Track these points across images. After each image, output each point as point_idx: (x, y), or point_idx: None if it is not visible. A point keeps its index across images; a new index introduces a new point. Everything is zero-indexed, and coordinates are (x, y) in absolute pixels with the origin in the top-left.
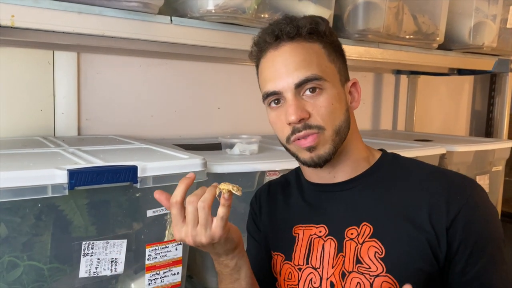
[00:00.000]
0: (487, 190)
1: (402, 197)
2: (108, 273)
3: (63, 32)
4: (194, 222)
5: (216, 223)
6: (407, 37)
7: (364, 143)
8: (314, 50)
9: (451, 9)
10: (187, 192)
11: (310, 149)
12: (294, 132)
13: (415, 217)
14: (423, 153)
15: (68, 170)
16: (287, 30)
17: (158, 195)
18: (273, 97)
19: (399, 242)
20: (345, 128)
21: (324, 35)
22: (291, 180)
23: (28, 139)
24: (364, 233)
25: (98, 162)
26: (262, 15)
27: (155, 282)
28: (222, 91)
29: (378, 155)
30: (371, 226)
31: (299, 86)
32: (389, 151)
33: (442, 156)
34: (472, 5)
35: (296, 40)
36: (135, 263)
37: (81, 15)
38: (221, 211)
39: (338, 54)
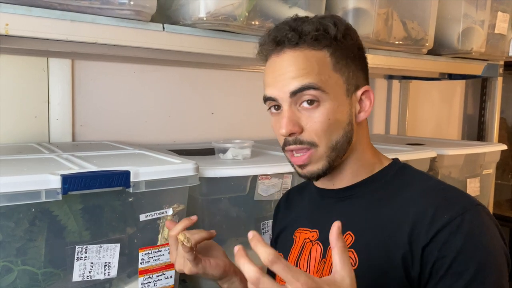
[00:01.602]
0: (477, 193)
1: (393, 210)
2: (101, 277)
3: (57, 40)
4: (181, 253)
5: (189, 262)
6: (397, 42)
7: (375, 151)
8: (317, 59)
9: (440, 15)
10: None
11: (301, 166)
12: (285, 144)
13: (396, 233)
14: (414, 156)
15: (61, 175)
16: (289, 37)
17: (168, 223)
18: (271, 103)
19: (373, 257)
20: (344, 144)
21: (335, 40)
22: (309, 183)
23: (23, 145)
24: (345, 242)
25: (91, 168)
26: (253, 22)
27: (148, 285)
28: (215, 96)
29: (386, 163)
30: (353, 236)
31: (295, 95)
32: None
33: (433, 160)
34: (460, 11)
35: (300, 46)
36: (129, 267)
37: (74, 23)
38: (185, 254)
39: (351, 60)
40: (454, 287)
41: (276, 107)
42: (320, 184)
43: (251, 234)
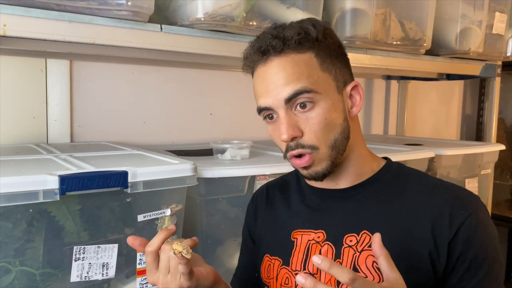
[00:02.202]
0: (476, 193)
1: (405, 208)
2: (99, 277)
3: (55, 41)
4: (166, 270)
5: (182, 277)
6: (395, 43)
7: (368, 150)
8: (304, 61)
9: (437, 15)
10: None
11: (306, 167)
12: (288, 149)
13: (417, 229)
14: (412, 156)
15: (59, 175)
16: (273, 44)
17: (131, 240)
18: (266, 112)
19: (396, 254)
20: (342, 140)
21: (317, 41)
22: (291, 183)
23: (21, 146)
24: (363, 241)
25: (89, 168)
26: (251, 23)
27: (146, 286)
28: (213, 97)
29: (382, 163)
30: (371, 235)
31: (290, 101)
32: (379, 155)
33: (431, 160)
34: (458, 11)
35: (285, 52)
36: (127, 267)
37: (71, 23)
38: (181, 268)
39: (334, 58)
40: (478, 274)
41: (271, 115)
42: (320, 184)
43: (319, 259)
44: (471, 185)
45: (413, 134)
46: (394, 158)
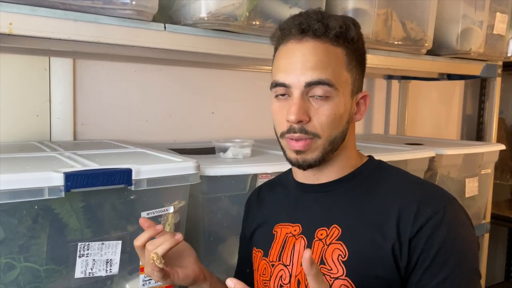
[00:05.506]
0: (476, 192)
1: (376, 204)
2: (103, 273)
3: (59, 39)
4: (148, 264)
5: (158, 277)
6: (396, 43)
7: (357, 151)
8: (335, 55)
9: (439, 15)
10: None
11: (298, 152)
12: (289, 131)
13: (383, 225)
14: (412, 156)
15: (64, 172)
16: (315, 27)
17: (143, 221)
18: (281, 88)
19: (363, 248)
20: (339, 139)
21: (351, 41)
22: (282, 179)
23: (25, 144)
24: (332, 235)
25: (93, 165)
26: (254, 23)
27: (149, 282)
28: (216, 96)
29: (364, 160)
30: (339, 229)
31: (309, 86)
32: (379, 155)
33: (432, 159)
34: (459, 12)
35: (321, 39)
36: (130, 264)
37: (76, 22)
38: (155, 270)
39: (358, 63)
40: (439, 275)
41: (284, 93)
42: (302, 179)
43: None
44: (471, 185)
45: (414, 134)
46: (395, 157)
